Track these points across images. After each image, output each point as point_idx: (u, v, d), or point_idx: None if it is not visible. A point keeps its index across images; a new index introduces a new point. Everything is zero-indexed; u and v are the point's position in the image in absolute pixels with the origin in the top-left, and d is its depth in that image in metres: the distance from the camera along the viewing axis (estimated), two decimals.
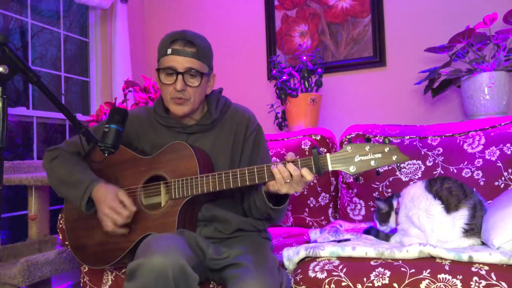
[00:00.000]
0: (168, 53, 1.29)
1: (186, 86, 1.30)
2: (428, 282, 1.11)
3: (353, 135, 1.91)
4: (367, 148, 1.15)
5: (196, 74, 1.30)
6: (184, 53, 1.29)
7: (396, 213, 1.43)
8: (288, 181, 1.17)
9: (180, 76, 1.28)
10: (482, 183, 1.62)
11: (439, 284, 1.10)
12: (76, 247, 1.41)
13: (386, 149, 1.13)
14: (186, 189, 1.26)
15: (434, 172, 1.71)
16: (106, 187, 1.28)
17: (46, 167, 1.39)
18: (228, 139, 1.40)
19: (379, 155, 1.14)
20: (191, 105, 1.33)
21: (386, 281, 1.15)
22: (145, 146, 1.42)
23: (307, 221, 1.97)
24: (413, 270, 1.15)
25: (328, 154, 1.17)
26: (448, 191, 1.31)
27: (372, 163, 1.14)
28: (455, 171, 1.68)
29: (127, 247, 1.30)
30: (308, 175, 1.16)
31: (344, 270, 1.22)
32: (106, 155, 1.20)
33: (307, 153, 1.98)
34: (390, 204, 1.48)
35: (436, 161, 1.73)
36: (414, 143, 1.80)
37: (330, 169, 1.17)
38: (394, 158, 1.13)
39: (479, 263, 1.14)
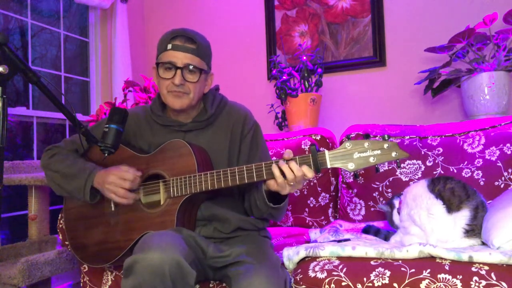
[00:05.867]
0: (168, 48, 1.30)
1: (184, 81, 1.30)
2: (428, 282, 1.11)
3: (353, 135, 1.90)
4: (366, 144, 1.13)
5: (195, 70, 1.30)
6: (184, 49, 1.29)
7: (399, 212, 1.43)
8: (292, 183, 1.16)
9: (179, 71, 1.29)
10: (482, 183, 1.62)
11: (439, 284, 1.10)
12: (76, 246, 1.41)
13: (385, 146, 1.12)
14: (184, 187, 1.26)
15: (434, 172, 1.71)
16: (107, 169, 1.29)
17: (45, 164, 1.39)
18: (225, 137, 1.39)
19: (378, 152, 1.13)
20: (190, 99, 1.33)
21: (386, 281, 1.15)
22: (142, 145, 1.42)
23: (307, 221, 1.97)
24: (413, 270, 1.15)
25: (326, 151, 1.16)
26: (451, 192, 1.31)
27: (371, 159, 1.13)
28: (455, 171, 1.68)
29: (126, 246, 1.30)
30: (309, 172, 1.15)
31: (344, 270, 1.22)
32: (106, 155, 1.20)
33: (307, 153, 1.98)
34: (391, 205, 1.49)
35: (436, 161, 1.73)
36: (414, 143, 1.80)
37: (329, 166, 1.15)
38: (393, 154, 1.12)
39: (479, 263, 1.14)
